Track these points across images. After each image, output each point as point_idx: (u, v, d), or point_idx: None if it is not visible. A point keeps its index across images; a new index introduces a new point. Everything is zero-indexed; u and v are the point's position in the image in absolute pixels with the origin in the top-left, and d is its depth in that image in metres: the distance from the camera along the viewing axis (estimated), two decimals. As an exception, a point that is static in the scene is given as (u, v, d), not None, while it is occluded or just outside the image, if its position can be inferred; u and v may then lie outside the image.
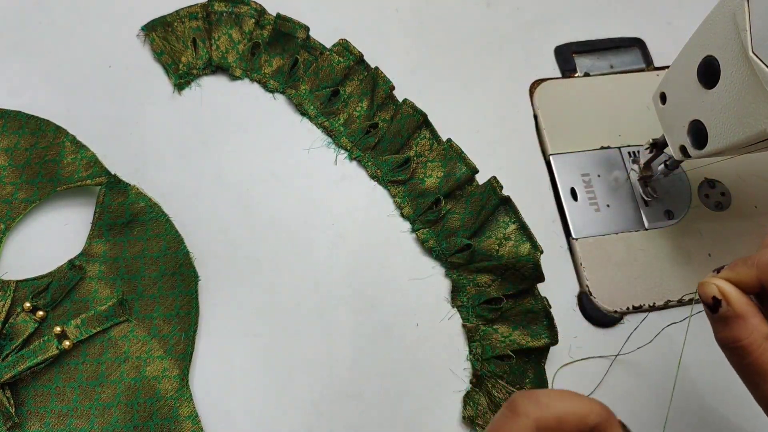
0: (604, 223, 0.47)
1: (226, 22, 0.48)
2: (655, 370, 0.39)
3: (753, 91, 0.32)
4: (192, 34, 0.47)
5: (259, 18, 0.48)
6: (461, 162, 0.45)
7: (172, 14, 0.48)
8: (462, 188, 0.45)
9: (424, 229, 0.44)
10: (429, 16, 0.53)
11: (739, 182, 0.49)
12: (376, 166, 0.46)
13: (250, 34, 0.47)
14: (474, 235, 0.44)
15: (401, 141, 0.46)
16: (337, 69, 0.47)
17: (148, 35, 0.47)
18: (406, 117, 0.46)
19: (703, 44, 0.35)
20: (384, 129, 0.46)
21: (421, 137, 0.47)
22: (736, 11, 0.32)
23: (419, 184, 0.45)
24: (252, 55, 0.47)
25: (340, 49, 0.47)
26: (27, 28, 0.48)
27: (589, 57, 0.53)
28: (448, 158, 0.45)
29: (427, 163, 0.45)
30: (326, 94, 0.47)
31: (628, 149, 0.49)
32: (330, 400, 0.39)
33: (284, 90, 0.47)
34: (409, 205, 0.45)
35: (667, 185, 0.48)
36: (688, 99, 0.37)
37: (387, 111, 0.47)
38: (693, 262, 0.46)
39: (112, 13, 0.49)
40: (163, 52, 0.47)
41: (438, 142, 0.46)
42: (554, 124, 0.50)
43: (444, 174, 0.45)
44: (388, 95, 0.47)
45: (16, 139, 0.42)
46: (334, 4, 0.52)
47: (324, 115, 0.47)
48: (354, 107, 0.47)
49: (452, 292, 0.44)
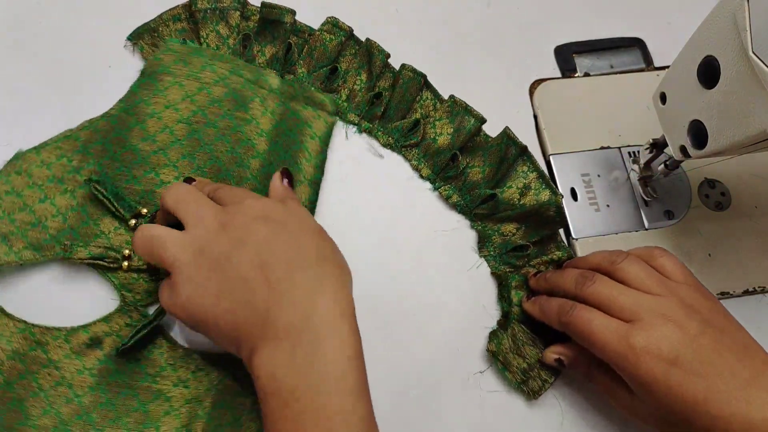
0: (604, 223, 0.47)
1: (211, 18, 0.47)
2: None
3: (753, 91, 0.32)
4: (179, 36, 0.47)
5: (243, 9, 0.47)
6: (468, 115, 0.46)
7: (155, 19, 0.47)
8: (473, 140, 0.46)
9: (446, 186, 0.46)
10: (429, 16, 0.53)
11: (739, 182, 0.49)
12: (387, 135, 0.47)
13: (237, 27, 0.47)
14: (495, 186, 0.45)
15: (406, 106, 0.47)
16: (330, 47, 0.47)
17: (136, 44, 0.47)
18: (408, 81, 0.46)
19: (703, 44, 0.35)
20: (387, 97, 0.47)
21: (424, 99, 0.47)
22: (736, 11, 0.32)
23: (432, 144, 0.46)
24: (244, 48, 0.47)
25: (330, 27, 0.47)
26: (26, 28, 0.48)
27: (589, 57, 0.53)
28: (454, 113, 0.46)
29: (435, 122, 0.46)
30: (324, 72, 0.47)
31: (628, 149, 0.49)
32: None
33: (282, 76, 0.47)
34: (426, 165, 0.46)
35: (667, 185, 0.48)
36: (688, 99, 0.37)
37: (386, 79, 0.47)
38: (693, 262, 0.46)
39: (112, 14, 0.49)
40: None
41: (440, 100, 0.47)
42: (554, 124, 0.50)
43: (454, 129, 0.46)
44: (384, 64, 0.47)
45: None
46: (334, 4, 0.52)
47: (326, 94, 0.47)
48: (353, 81, 0.47)
49: (479, 242, 0.45)
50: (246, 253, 0.32)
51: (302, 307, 0.31)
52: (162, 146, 0.42)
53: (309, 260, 0.33)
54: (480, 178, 0.45)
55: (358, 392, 0.30)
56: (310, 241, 0.34)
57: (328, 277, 0.33)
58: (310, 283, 0.32)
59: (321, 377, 0.30)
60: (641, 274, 0.36)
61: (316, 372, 0.30)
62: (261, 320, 0.31)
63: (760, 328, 0.45)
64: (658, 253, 0.38)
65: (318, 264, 0.33)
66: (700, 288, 0.37)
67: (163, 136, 0.42)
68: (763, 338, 0.35)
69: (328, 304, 0.31)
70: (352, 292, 0.34)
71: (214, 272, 0.32)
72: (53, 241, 0.39)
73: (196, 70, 0.44)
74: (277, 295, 0.31)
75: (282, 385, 0.30)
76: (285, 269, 0.32)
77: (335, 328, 0.31)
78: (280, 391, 0.30)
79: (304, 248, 0.33)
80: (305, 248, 0.33)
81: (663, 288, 0.35)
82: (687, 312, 0.34)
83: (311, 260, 0.33)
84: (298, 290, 0.32)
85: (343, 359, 0.30)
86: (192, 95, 0.43)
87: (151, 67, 0.44)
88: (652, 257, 0.38)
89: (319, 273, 0.32)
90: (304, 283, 0.32)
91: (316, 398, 0.29)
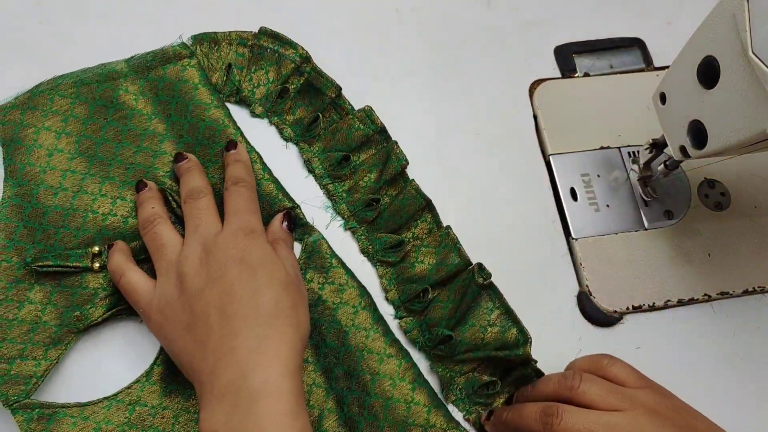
0: (604, 223, 0.47)
1: (268, 58, 0.47)
2: (655, 370, 0.39)
3: (753, 92, 0.32)
4: (234, 59, 0.47)
5: (300, 64, 0.46)
6: (456, 253, 0.43)
7: (223, 33, 0.47)
8: (451, 279, 0.43)
9: (408, 318, 0.42)
10: (429, 16, 0.53)
11: (739, 182, 0.49)
12: (369, 242, 0.44)
13: (286, 78, 0.46)
14: (458, 324, 0.42)
15: (400, 221, 0.44)
16: (355, 135, 0.45)
17: (194, 46, 0.46)
18: (409, 198, 0.44)
19: (703, 44, 0.35)
20: (385, 205, 0.44)
21: (422, 220, 0.45)
22: (736, 11, 0.32)
23: (409, 269, 0.43)
24: (279, 99, 0.46)
25: (363, 115, 0.45)
26: (27, 28, 0.48)
27: (589, 57, 0.53)
28: (443, 246, 0.43)
29: (421, 248, 0.43)
30: (337, 157, 0.45)
31: (627, 149, 0.49)
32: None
33: (298, 142, 0.46)
34: (395, 288, 0.43)
35: (666, 185, 0.48)
36: (688, 99, 0.37)
37: (395, 188, 0.45)
38: (693, 262, 0.46)
39: (112, 14, 0.49)
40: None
41: (438, 226, 0.44)
42: (554, 124, 0.50)
43: (436, 262, 0.43)
44: (399, 173, 0.45)
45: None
46: (334, 4, 0.52)
47: (330, 177, 0.45)
48: (362, 177, 0.45)
49: (442, 388, 0.41)
50: (214, 292, 0.34)
51: (242, 366, 0.32)
52: (75, 189, 0.41)
53: (261, 316, 0.34)
54: (441, 315, 0.41)
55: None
56: (272, 294, 0.34)
57: (274, 335, 0.33)
58: (254, 341, 0.33)
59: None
60: (602, 393, 0.35)
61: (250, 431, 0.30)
62: (209, 371, 0.33)
63: (759, 328, 0.45)
64: (607, 362, 0.37)
65: (269, 321, 0.33)
66: (656, 387, 0.37)
67: (70, 180, 0.41)
68: (763, 338, 0.35)
69: (270, 362, 0.32)
70: (304, 348, 0.35)
71: (188, 303, 0.35)
72: (62, 326, 0.38)
73: (47, 107, 0.43)
74: (225, 348, 0.33)
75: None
76: (237, 322, 0.33)
77: (274, 388, 0.31)
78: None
79: (262, 302, 0.34)
80: (263, 302, 0.34)
81: (626, 401, 0.35)
82: (656, 421, 0.34)
83: (264, 316, 0.34)
84: (242, 349, 0.32)
85: (278, 417, 0.31)
86: (63, 129, 0.42)
87: (4, 134, 0.42)
88: (601, 368, 0.37)
89: (267, 331, 0.33)
90: (249, 341, 0.33)
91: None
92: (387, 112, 0.46)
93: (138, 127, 0.43)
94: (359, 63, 0.50)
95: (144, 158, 0.42)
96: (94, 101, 0.43)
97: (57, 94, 0.43)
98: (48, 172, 0.41)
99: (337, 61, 0.49)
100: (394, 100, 0.49)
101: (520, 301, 0.42)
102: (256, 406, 0.31)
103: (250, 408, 0.31)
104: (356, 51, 0.51)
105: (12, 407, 0.35)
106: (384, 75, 0.50)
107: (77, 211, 0.41)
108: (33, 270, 0.39)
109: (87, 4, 0.49)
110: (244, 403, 0.31)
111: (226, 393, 0.31)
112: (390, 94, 0.49)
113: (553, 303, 0.44)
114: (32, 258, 0.39)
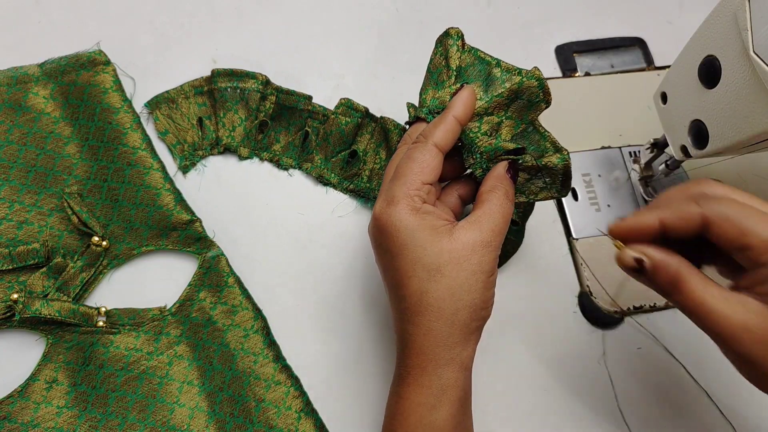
0: (605, 223, 0.47)
1: (231, 97, 0.46)
2: (655, 370, 0.39)
3: (754, 91, 0.31)
4: (198, 111, 0.46)
5: (263, 90, 0.46)
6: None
7: (176, 89, 0.46)
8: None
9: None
10: (429, 16, 0.53)
11: (739, 182, 0.49)
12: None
13: (256, 110, 0.46)
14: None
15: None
16: (347, 130, 0.45)
17: (152, 113, 0.46)
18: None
19: (704, 44, 0.35)
20: None
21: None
22: (737, 11, 0.32)
23: None
24: (261, 133, 0.46)
25: (345, 109, 0.45)
26: (26, 28, 0.48)
27: (590, 57, 0.53)
28: None
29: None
30: (343, 157, 0.45)
31: (628, 149, 0.49)
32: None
33: (299, 165, 0.46)
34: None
35: (667, 185, 0.48)
36: (689, 99, 0.37)
37: None
38: (694, 262, 0.46)
39: (112, 14, 0.49)
40: (167, 131, 0.45)
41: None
42: (554, 124, 0.50)
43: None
44: (401, 137, 0.45)
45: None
46: (334, 4, 0.52)
47: (347, 179, 0.46)
48: (373, 161, 0.46)
49: (464, 152, 0.37)
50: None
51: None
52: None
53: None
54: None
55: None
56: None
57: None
58: None
59: None
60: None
61: None
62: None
63: (760, 328, 0.45)
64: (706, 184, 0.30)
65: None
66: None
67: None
68: (764, 338, 0.35)
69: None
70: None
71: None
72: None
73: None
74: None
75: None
76: None
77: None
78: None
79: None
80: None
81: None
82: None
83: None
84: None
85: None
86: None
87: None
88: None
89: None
90: None
91: None
92: (387, 112, 0.46)
93: (44, 129, 0.43)
94: (359, 63, 0.50)
95: (46, 161, 0.42)
96: (2, 104, 0.43)
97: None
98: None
99: (337, 61, 0.49)
100: (394, 100, 0.48)
101: (521, 301, 0.42)
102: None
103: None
104: (356, 51, 0.51)
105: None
106: (384, 75, 0.50)
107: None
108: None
109: (87, 4, 0.49)
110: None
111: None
112: (390, 94, 0.49)
113: (553, 303, 0.44)
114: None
